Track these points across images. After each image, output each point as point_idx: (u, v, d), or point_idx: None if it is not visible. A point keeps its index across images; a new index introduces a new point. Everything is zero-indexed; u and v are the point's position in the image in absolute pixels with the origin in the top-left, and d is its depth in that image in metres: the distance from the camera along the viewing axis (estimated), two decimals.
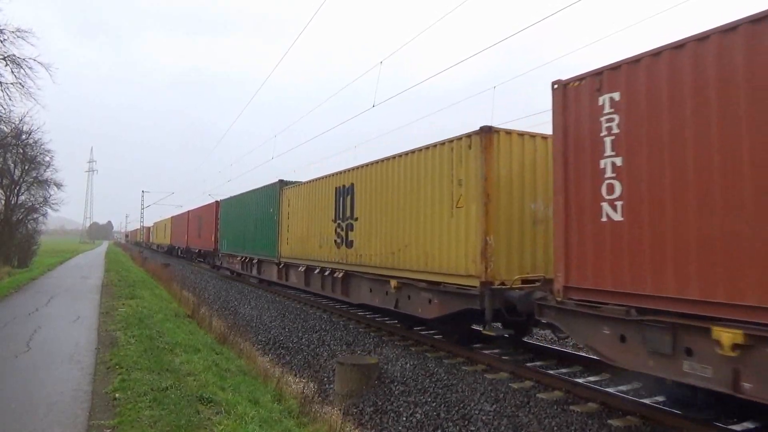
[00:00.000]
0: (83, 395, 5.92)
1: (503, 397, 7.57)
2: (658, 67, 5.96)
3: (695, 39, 5.60)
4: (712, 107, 5.40)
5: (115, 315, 11.45)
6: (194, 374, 6.81)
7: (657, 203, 5.94)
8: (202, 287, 22.80)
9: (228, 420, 5.19)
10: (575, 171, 6.97)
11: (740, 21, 5.24)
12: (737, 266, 5.16)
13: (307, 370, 9.89)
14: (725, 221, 5.28)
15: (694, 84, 5.60)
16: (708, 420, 6.38)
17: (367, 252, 12.62)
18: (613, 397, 7.30)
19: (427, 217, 10.30)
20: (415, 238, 10.68)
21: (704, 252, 5.44)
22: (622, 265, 6.29)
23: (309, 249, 16.35)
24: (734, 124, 5.24)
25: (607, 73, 6.54)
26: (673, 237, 5.76)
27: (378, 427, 7.08)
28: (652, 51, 6.05)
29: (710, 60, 5.45)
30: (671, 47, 5.84)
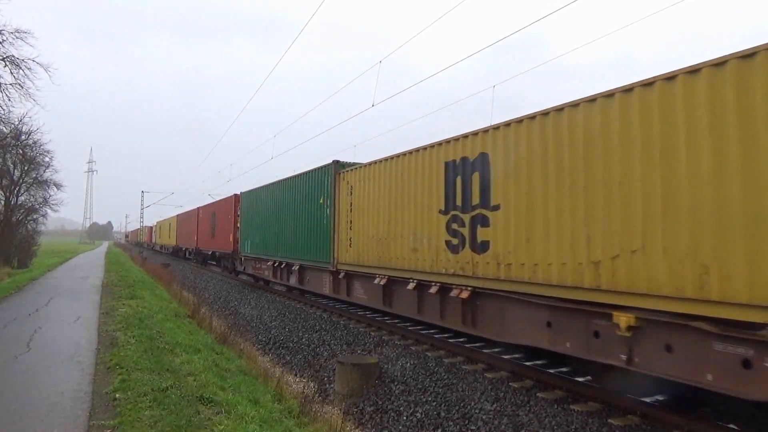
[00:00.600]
0: (84, 396, 5.92)
1: (503, 396, 7.58)
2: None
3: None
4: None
5: (116, 315, 11.45)
6: (194, 374, 6.82)
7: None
8: (203, 287, 22.80)
9: (228, 420, 5.20)
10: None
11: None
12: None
13: (307, 369, 9.89)
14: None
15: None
16: (708, 418, 6.39)
17: (526, 258, 8.01)
18: (613, 396, 7.30)
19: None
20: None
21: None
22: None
23: (392, 253, 11.77)
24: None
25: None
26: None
27: (378, 426, 7.08)
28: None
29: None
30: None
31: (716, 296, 5.46)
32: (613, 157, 6.65)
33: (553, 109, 7.62)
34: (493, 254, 8.70)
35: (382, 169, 12.37)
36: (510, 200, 8.40)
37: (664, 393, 7.34)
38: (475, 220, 9.18)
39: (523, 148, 8.19)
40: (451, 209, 9.82)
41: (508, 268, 8.34)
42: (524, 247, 8.03)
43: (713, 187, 5.59)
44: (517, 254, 8.18)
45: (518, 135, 8.31)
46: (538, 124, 7.90)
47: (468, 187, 9.38)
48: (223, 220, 29.39)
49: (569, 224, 7.26)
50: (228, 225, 28.24)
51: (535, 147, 7.93)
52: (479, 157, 9.15)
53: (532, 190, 7.95)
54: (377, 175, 12.56)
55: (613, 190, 6.62)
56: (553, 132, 7.59)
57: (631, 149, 6.42)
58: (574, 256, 7.14)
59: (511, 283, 8.24)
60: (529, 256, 7.91)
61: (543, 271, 7.62)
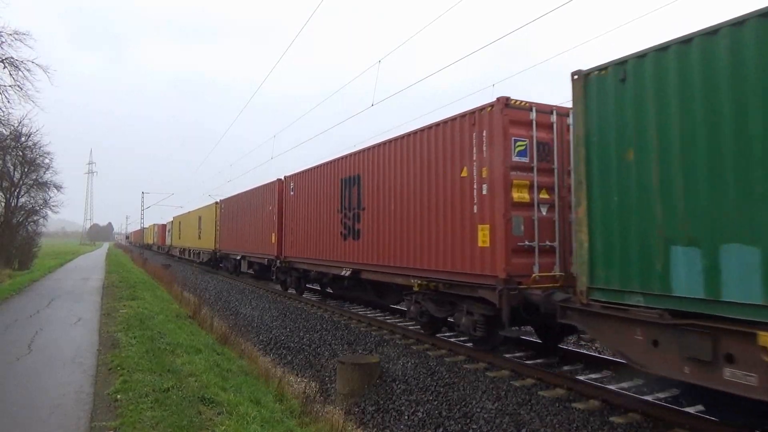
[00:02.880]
0: (85, 397, 5.93)
1: (505, 395, 7.58)
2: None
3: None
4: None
5: (117, 316, 11.46)
6: (196, 375, 6.82)
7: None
8: (203, 288, 22.81)
9: (230, 420, 5.20)
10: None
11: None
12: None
13: (308, 369, 9.90)
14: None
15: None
16: (711, 418, 6.40)
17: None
18: (614, 394, 7.31)
19: None
20: None
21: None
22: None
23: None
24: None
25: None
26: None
27: (380, 426, 7.09)
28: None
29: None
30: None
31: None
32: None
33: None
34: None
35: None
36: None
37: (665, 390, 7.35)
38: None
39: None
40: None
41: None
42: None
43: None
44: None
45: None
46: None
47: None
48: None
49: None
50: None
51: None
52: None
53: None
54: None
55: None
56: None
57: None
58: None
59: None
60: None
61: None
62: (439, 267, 10.11)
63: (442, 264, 10.04)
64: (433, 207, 10.44)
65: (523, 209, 8.73)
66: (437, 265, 10.19)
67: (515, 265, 8.53)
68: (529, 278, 8.57)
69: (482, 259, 8.96)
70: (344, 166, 14.58)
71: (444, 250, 10.00)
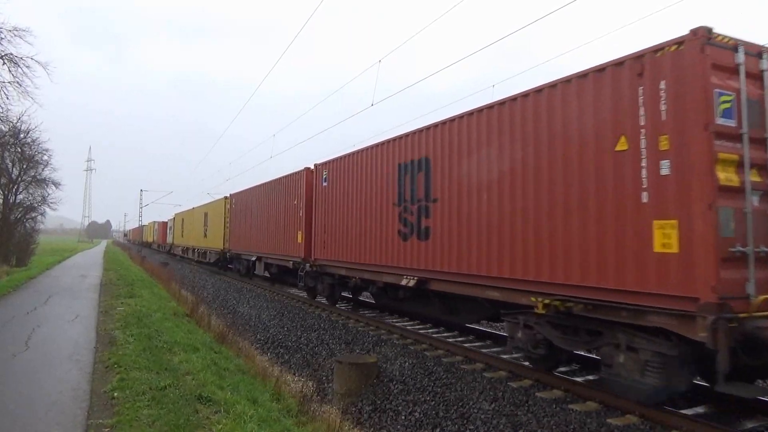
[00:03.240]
0: (82, 394, 5.92)
1: (502, 395, 7.58)
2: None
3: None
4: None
5: (114, 314, 11.44)
6: (193, 373, 6.81)
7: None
8: (201, 286, 22.79)
9: (227, 419, 5.20)
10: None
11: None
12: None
13: (305, 369, 9.89)
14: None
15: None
16: (706, 419, 6.39)
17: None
18: (612, 396, 7.30)
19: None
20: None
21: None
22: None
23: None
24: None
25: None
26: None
27: (377, 425, 7.08)
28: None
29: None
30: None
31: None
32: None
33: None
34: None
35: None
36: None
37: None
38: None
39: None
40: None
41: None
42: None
43: None
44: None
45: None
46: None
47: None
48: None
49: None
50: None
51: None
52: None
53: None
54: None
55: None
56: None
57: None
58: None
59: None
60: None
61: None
62: (574, 281, 7.27)
63: (579, 276, 7.19)
64: (560, 196, 7.57)
65: (731, 197, 5.97)
66: (570, 277, 7.34)
67: (726, 282, 5.71)
68: (743, 300, 5.82)
69: (662, 270, 6.16)
70: (403, 148, 11.61)
71: (583, 258, 7.15)
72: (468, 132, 9.58)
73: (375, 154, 12.97)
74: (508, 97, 8.66)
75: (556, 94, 7.72)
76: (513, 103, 8.52)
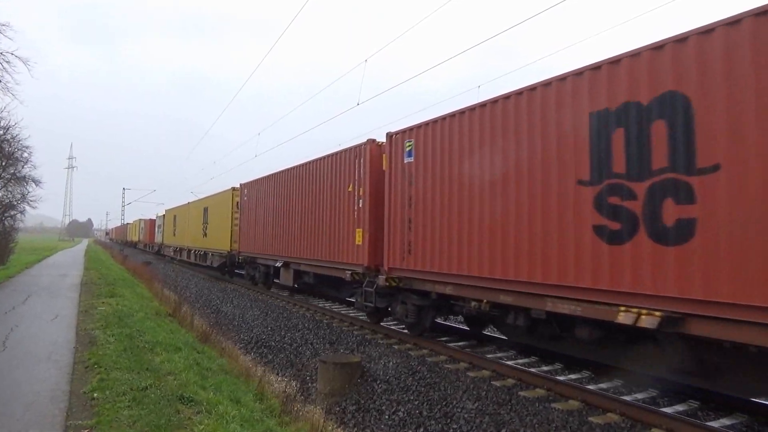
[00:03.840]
0: (61, 395, 5.83)
1: (485, 395, 7.61)
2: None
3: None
4: None
5: (95, 314, 11.29)
6: (175, 373, 6.74)
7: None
8: (184, 286, 22.59)
9: (209, 419, 5.15)
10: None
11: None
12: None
13: (289, 369, 9.85)
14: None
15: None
16: (686, 416, 6.47)
17: None
18: (593, 394, 7.37)
19: None
20: None
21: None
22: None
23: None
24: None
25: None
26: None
27: (360, 425, 7.07)
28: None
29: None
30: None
31: None
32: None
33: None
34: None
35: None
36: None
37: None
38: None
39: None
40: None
41: None
42: None
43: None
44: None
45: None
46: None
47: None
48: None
49: None
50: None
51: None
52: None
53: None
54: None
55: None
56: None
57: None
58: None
59: None
60: None
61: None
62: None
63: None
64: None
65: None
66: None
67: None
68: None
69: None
70: (604, 84, 6.79)
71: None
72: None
73: (533, 101, 7.89)
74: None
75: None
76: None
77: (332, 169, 14.22)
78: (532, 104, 7.89)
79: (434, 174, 10.06)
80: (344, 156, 13.51)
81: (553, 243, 7.45)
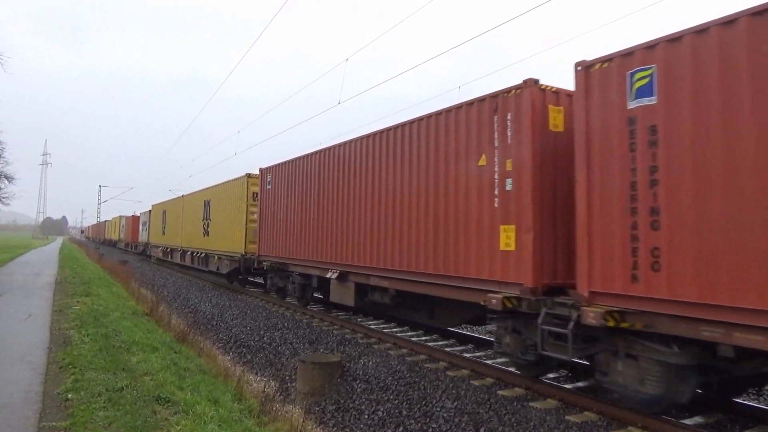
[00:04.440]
0: (34, 396, 5.72)
1: (464, 394, 7.65)
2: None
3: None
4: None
5: (69, 313, 11.09)
6: (151, 374, 6.66)
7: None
8: (161, 285, 22.31)
9: (186, 420, 5.10)
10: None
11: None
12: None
13: (268, 368, 9.79)
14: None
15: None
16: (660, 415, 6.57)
17: None
18: (571, 393, 7.46)
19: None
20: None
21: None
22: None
23: None
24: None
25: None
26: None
27: (340, 425, 7.06)
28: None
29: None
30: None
31: None
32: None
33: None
34: None
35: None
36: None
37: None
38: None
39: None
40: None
41: None
42: None
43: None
44: None
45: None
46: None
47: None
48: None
49: None
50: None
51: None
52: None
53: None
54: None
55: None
56: None
57: None
58: None
59: None
60: None
61: None
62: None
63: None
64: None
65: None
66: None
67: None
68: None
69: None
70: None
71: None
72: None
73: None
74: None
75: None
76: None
77: (439, 135, 9.56)
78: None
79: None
80: (468, 113, 8.92)
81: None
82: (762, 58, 5.22)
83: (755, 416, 6.67)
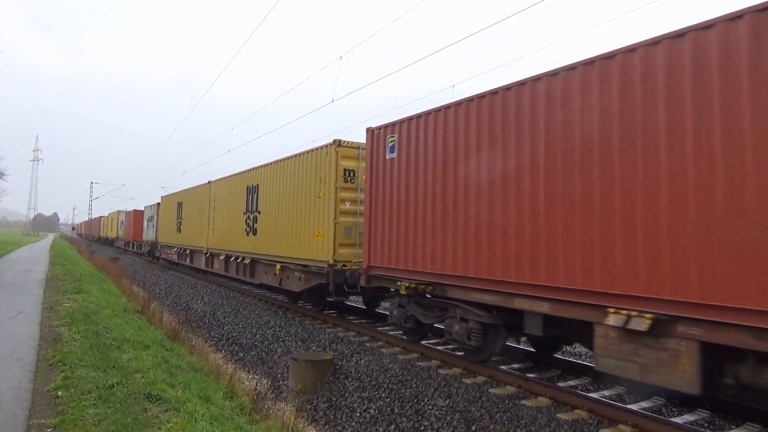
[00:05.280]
0: (24, 394, 5.68)
1: (456, 392, 7.66)
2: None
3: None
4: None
5: (60, 310, 11.02)
6: (143, 371, 6.63)
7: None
8: (153, 282, 22.21)
9: (177, 417, 5.07)
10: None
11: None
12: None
13: (260, 366, 9.76)
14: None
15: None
16: (651, 413, 6.63)
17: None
18: (562, 391, 7.49)
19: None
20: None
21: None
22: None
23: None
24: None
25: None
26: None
27: (332, 423, 7.05)
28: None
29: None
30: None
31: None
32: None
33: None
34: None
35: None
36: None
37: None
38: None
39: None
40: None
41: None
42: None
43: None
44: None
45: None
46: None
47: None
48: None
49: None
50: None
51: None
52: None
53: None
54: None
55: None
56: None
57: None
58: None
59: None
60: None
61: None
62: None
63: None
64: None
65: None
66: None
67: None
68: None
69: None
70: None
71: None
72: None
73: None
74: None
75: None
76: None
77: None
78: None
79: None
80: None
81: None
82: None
83: (743, 414, 6.73)
